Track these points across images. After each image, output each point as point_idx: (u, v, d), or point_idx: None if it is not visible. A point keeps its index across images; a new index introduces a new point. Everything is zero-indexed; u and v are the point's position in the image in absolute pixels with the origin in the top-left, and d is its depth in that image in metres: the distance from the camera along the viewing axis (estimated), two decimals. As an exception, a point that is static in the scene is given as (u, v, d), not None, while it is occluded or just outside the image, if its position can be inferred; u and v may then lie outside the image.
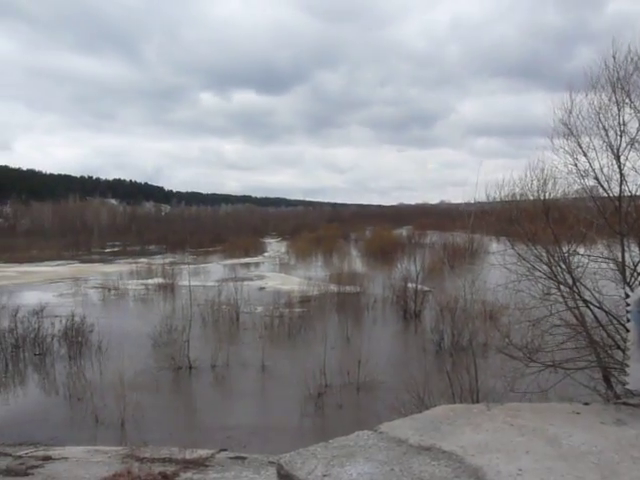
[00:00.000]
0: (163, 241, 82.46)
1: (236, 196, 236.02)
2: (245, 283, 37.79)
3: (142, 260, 59.03)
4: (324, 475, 4.24)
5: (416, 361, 19.34)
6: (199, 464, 9.53)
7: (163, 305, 34.16)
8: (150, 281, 43.43)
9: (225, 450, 11.21)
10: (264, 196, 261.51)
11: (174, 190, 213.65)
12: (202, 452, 10.58)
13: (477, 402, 11.15)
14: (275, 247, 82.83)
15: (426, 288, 32.46)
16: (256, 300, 33.00)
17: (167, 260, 55.82)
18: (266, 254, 72.56)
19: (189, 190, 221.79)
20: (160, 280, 42.51)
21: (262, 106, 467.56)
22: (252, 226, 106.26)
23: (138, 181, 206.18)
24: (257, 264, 60.92)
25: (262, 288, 40.29)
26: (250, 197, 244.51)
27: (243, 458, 10.18)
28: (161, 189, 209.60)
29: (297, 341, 25.44)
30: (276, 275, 49.37)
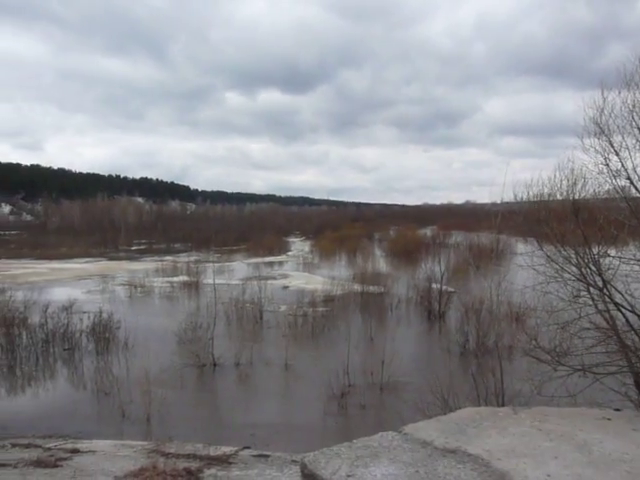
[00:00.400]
0: (188, 239, 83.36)
1: (261, 195, 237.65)
2: (269, 282, 37.93)
3: (168, 258, 59.71)
4: (348, 475, 4.22)
5: (440, 362, 19.15)
6: (223, 461, 9.61)
7: (188, 303, 34.51)
8: (175, 279, 43.92)
9: (248, 448, 11.28)
10: (288, 195, 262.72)
11: (199, 189, 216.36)
12: (226, 449, 10.67)
13: (503, 405, 11.00)
14: (299, 246, 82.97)
15: (451, 289, 32.13)
16: (280, 299, 33.11)
17: (192, 258, 56.42)
18: (290, 253, 72.73)
19: (214, 189, 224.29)
20: (185, 278, 42.96)
21: (287, 105, 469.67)
22: (276, 225, 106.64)
23: (165, 180, 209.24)
24: (281, 263, 61.09)
25: (286, 287, 40.39)
26: (274, 196, 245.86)
27: (266, 456, 10.23)
28: (187, 188, 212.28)
29: (320, 340, 25.42)
30: (300, 274, 49.45)
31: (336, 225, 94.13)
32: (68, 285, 41.73)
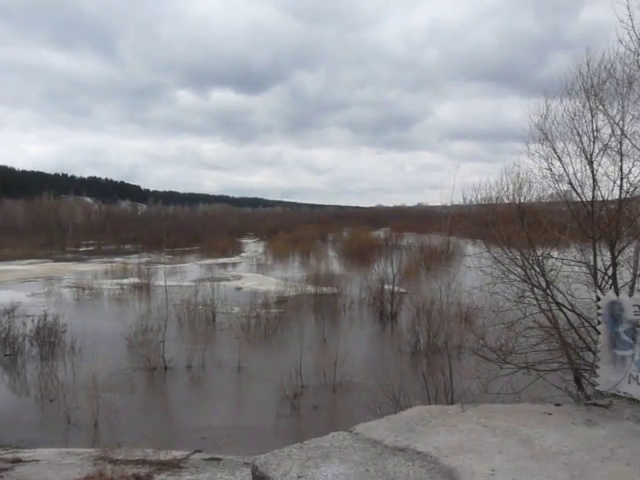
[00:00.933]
0: (139, 240, 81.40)
1: (214, 196, 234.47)
2: (222, 283, 37.59)
3: (117, 259, 58.28)
4: (299, 476, 4.24)
5: (392, 362, 19.46)
6: (173, 466, 9.45)
7: (138, 305, 33.77)
8: (125, 281, 42.88)
9: (200, 451, 11.12)
10: (242, 196, 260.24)
11: (151, 189, 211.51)
12: (177, 453, 10.48)
13: (452, 403, 11.27)
14: (252, 247, 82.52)
15: (403, 290, 32.66)
16: (233, 300, 32.83)
17: (143, 260, 55.15)
18: (243, 254, 72.27)
19: (166, 189, 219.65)
20: (136, 280, 42.00)
21: (240, 105, 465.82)
22: (229, 226, 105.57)
23: (114, 179, 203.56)
24: (234, 264, 60.62)
25: (239, 288, 40.10)
26: (228, 197, 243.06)
27: (218, 459, 10.12)
28: (137, 188, 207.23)
29: (273, 342, 25.38)
30: (253, 275, 49.19)
31: (290, 226, 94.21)
32: (11, 288, 40.01)
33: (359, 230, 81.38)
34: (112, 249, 77.42)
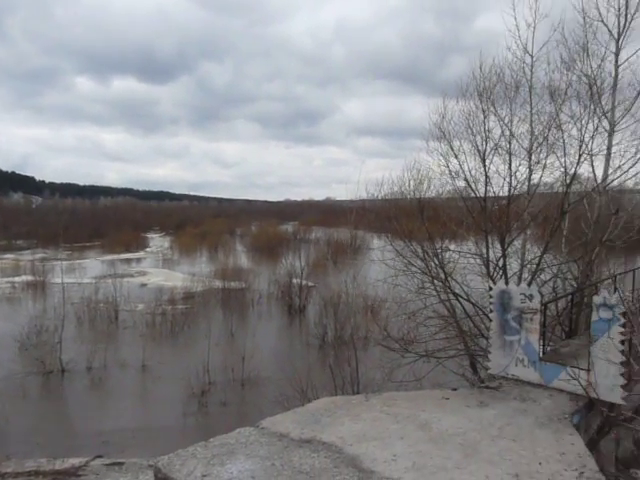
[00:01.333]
0: (33, 235, 75.95)
1: (116, 188, 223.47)
2: (125, 280, 36.05)
3: (8, 256, 54.17)
4: (204, 475, 4.19)
5: (300, 355, 19.66)
6: (70, 474, 8.96)
7: (32, 304, 31.55)
8: (17, 279, 39.93)
9: (101, 457, 10.62)
10: (147, 189, 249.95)
11: (47, 180, 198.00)
12: (74, 461, 9.94)
13: (358, 393, 11.57)
14: (158, 242, 79.82)
15: (311, 283, 33.01)
16: (137, 297, 31.60)
17: (37, 256, 51.69)
18: (148, 249, 69.74)
19: (64, 181, 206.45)
20: (29, 277, 39.22)
21: (144, 95, 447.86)
22: (133, 220, 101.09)
23: (3, 169, 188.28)
24: (139, 260, 58.35)
25: (144, 285, 38.66)
26: (132, 190, 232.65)
27: (120, 464, 9.72)
28: (31, 179, 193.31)
29: (180, 339, 24.75)
30: (159, 271, 47.61)
31: (197, 221, 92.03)
32: None
33: (267, 224, 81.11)
34: (2, 245, 71.70)
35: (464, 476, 4.42)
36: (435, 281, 10.72)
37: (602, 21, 11.11)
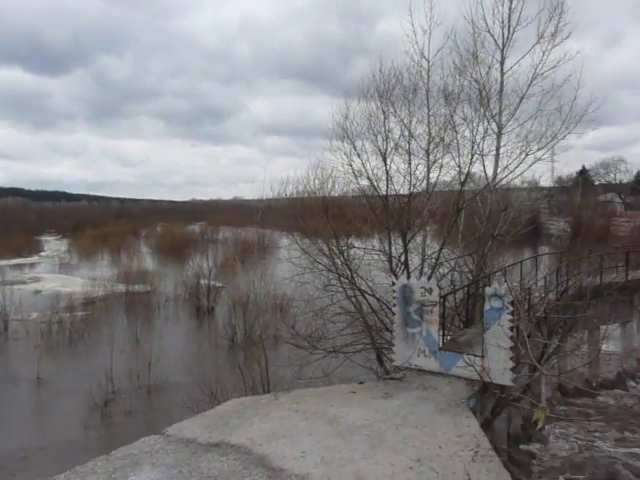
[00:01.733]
0: None
1: (3, 188, 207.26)
2: (16, 287, 33.61)
3: None
4: (105, 489, 4.01)
5: (209, 357, 19.34)
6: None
7: None
8: None
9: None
10: (40, 189, 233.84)
11: None
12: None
13: (268, 392, 11.59)
14: (54, 246, 75.06)
15: (219, 284, 32.55)
16: (30, 305, 29.51)
17: None
18: (43, 254, 65.39)
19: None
20: None
21: (34, 87, 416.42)
22: (26, 222, 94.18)
23: None
24: (32, 265, 54.59)
25: (38, 292, 36.20)
26: (22, 190, 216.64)
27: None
28: None
29: (80, 348, 23.44)
30: (55, 276, 44.79)
31: (98, 222, 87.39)
32: None
33: (173, 225, 78.80)
34: None
35: (370, 466, 4.57)
36: (341, 278, 10.96)
37: (489, 32, 11.96)
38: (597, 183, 73.27)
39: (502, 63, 11.98)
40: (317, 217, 10.96)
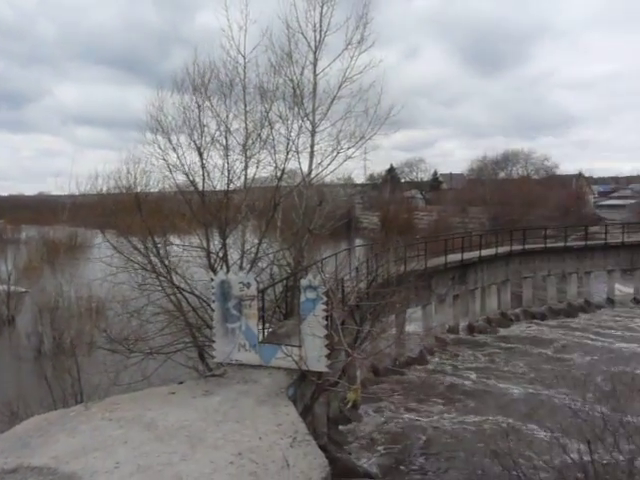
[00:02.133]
0: None
1: None
2: None
3: None
4: None
5: (9, 372, 17.24)
6: None
7: None
8: None
9: None
10: None
11: None
12: None
13: (80, 404, 10.74)
14: None
15: (22, 289, 29.15)
16: None
17: None
18: None
19: None
20: None
21: None
22: None
23: None
24: None
25: None
26: None
27: None
28: None
29: None
30: None
31: None
32: None
33: (-37, 224, 68.73)
34: None
35: (191, 466, 4.50)
36: (159, 277, 10.56)
37: (302, 34, 12.40)
38: (403, 180, 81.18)
39: (315, 65, 12.53)
40: (131, 213, 10.39)
